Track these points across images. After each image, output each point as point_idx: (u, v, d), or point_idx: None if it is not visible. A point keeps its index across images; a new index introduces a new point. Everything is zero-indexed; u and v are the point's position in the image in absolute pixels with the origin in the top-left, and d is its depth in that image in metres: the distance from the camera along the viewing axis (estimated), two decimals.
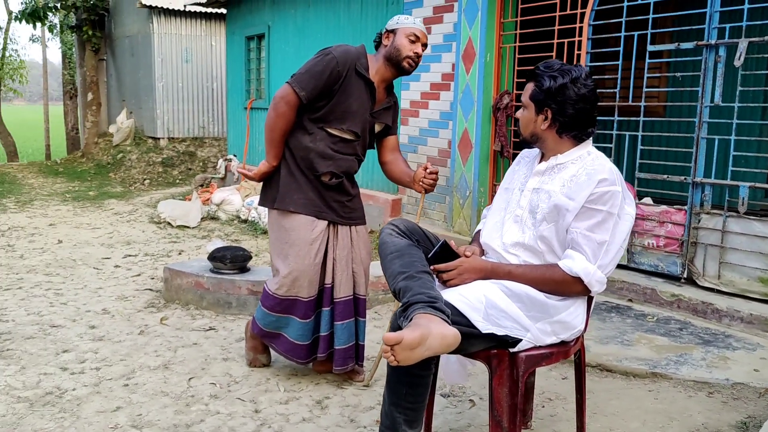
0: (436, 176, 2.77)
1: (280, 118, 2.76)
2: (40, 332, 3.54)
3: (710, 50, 3.78)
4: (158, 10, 11.34)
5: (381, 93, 2.90)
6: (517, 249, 2.11)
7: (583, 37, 4.37)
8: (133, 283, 4.59)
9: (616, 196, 1.97)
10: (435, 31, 5.53)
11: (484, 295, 1.96)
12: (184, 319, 3.82)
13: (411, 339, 1.70)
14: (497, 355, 2.01)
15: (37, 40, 19.74)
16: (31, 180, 10.59)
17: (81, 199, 8.64)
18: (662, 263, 4.06)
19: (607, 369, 3.09)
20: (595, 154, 2.09)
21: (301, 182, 2.82)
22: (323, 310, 2.88)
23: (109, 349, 3.32)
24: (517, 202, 2.18)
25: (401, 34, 2.79)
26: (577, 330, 2.06)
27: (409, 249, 2.10)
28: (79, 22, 13.38)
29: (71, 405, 2.70)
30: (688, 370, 3.01)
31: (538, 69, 2.10)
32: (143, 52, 11.92)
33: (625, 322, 3.65)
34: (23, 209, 7.69)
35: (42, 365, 3.09)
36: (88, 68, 13.55)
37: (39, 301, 4.11)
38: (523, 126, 2.16)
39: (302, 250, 2.78)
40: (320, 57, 2.76)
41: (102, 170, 11.54)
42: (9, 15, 16.53)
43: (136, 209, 7.83)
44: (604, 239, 1.97)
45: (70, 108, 16.99)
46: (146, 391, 2.84)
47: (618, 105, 4.22)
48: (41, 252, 5.50)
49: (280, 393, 2.86)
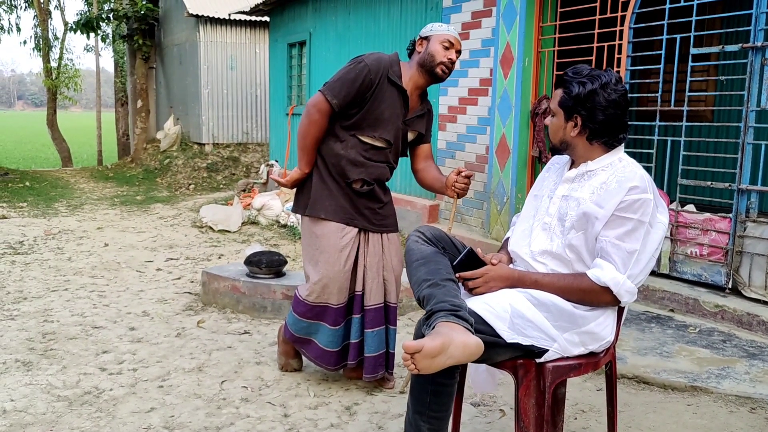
0: (469, 180, 2.75)
1: (312, 126, 2.78)
2: (82, 333, 3.65)
3: (756, 53, 3.64)
4: (205, 19, 11.62)
5: (414, 100, 2.89)
6: (545, 257, 2.08)
7: (623, 41, 4.27)
8: (173, 287, 4.69)
9: (647, 204, 1.92)
10: (473, 36, 5.50)
11: (509, 303, 1.93)
12: (220, 322, 3.89)
13: (431, 347, 1.69)
14: (524, 365, 1.97)
15: (91, 50, 20.45)
16: (83, 185, 10.96)
17: (128, 204, 8.90)
18: (706, 273, 3.92)
19: (644, 381, 3.01)
20: (626, 161, 2.04)
21: (333, 189, 2.83)
22: (353, 317, 2.88)
23: (147, 350, 3.40)
24: (546, 210, 2.14)
25: (435, 40, 2.78)
26: (607, 341, 2.00)
27: (434, 256, 2.08)
28: (131, 31, 13.82)
29: (108, 405, 2.77)
30: (730, 384, 2.89)
31: (566, 75, 2.06)
32: (190, 60, 12.22)
33: (665, 333, 3.55)
34: (73, 213, 7.97)
35: (82, 365, 3.19)
36: (138, 76, 13.97)
37: (83, 302, 4.25)
38: (552, 133, 2.13)
39: (332, 257, 2.79)
40: (353, 65, 2.77)
41: (149, 175, 11.87)
42: (65, 26, 17.17)
43: (180, 213, 8.02)
44: (634, 248, 1.91)
45: (121, 115, 17.55)
46: (180, 393, 2.90)
47: (660, 109, 4.11)
48: (88, 255, 5.68)
49: (309, 398, 2.88)
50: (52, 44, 17.76)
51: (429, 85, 2.89)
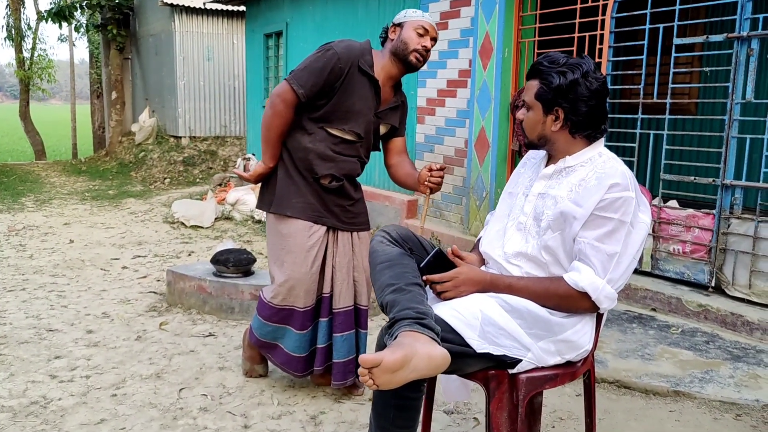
0: (442, 175, 2.57)
1: (277, 117, 2.59)
2: (35, 336, 3.44)
3: (742, 43, 3.51)
4: (180, 8, 11.32)
5: (387, 92, 2.71)
6: (519, 259, 1.92)
7: (605, 31, 4.13)
8: (138, 286, 4.49)
9: (628, 202, 1.76)
10: (452, 26, 5.33)
11: (480, 310, 1.78)
12: (184, 324, 3.70)
13: (392, 361, 1.52)
14: (496, 377, 1.82)
15: (65, 40, 19.96)
16: (54, 179, 10.65)
17: (100, 198, 8.63)
18: (689, 271, 3.80)
19: (625, 386, 2.87)
20: (606, 156, 1.88)
21: (300, 185, 2.65)
22: (321, 321, 2.71)
23: (103, 356, 3.21)
24: (521, 209, 1.99)
25: (409, 27, 2.60)
26: (585, 350, 1.85)
27: (400, 258, 1.92)
28: (104, 21, 13.47)
29: (55, 416, 2.58)
30: (714, 388, 2.77)
31: (542, 65, 1.88)
32: (166, 51, 11.92)
33: (647, 333, 3.42)
34: (40, 208, 7.70)
35: (32, 372, 2.99)
36: (112, 67, 13.63)
37: (40, 303, 4.03)
38: (528, 129, 1.96)
39: (299, 257, 2.62)
40: (321, 52, 2.59)
41: (124, 169, 11.57)
42: (38, 15, 16.73)
43: (153, 209, 7.78)
44: (614, 250, 1.76)
45: (97, 107, 17.16)
46: (134, 403, 2.71)
47: (643, 102, 3.97)
48: (51, 252, 5.44)
49: (273, 407, 2.71)
50: (24, 34, 17.29)
51: (403, 74, 2.71)
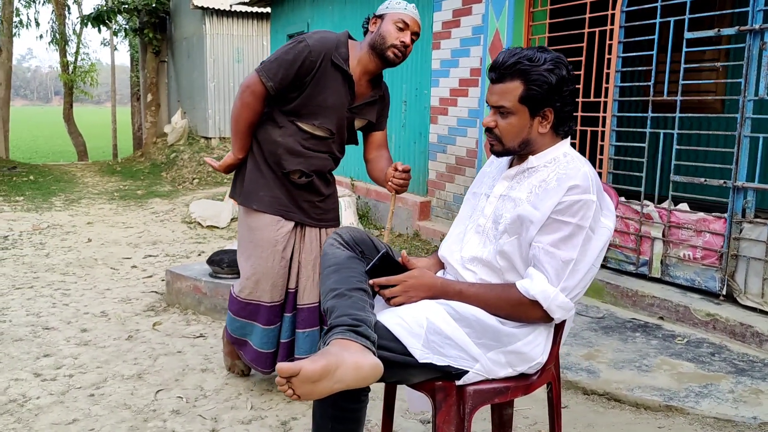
0: (408, 175, 2.45)
1: (245, 109, 2.53)
2: (30, 334, 3.48)
3: (754, 36, 3.30)
4: (211, 11, 11.47)
5: (363, 86, 2.61)
6: (474, 265, 1.82)
7: (615, 25, 3.95)
8: (142, 285, 4.51)
9: (588, 206, 1.64)
10: (464, 24, 5.22)
11: (426, 318, 1.67)
12: (178, 324, 3.69)
13: (310, 371, 1.44)
14: (443, 388, 1.72)
15: (107, 44, 20.52)
16: (88, 179, 10.91)
17: (127, 198, 8.79)
18: (699, 278, 3.61)
19: (615, 399, 2.72)
20: (571, 156, 1.76)
21: (269, 178, 2.59)
22: (285, 316, 2.66)
23: (90, 355, 3.22)
24: (481, 210, 1.88)
25: (388, 20, 2.48)
26: (537, 362, 1.73)
27: (348, 262, 1.83)
28: (142, 25, 13.76)
29: (29, 415, 2.59)
30: (709, 404, 2.60)
31: (522, 64, 1.68)
32: (197, 54, 12.09)
33: (649, 343, 3.25)
34: (68, 207, 7.87)
35: (17, 370, 3.02)
36: (148, 70, 13.92)
37: (44, 301, 4.09)
38: (510, 135, 1.75)
39: (265, 251, 2.57)
40: (293, 44, 2.50)
41: (156, 169, 11.78)
42: (81, 20, 17.22)
43: (174, 209, 7.87)
44: (570, 257, 1.64)
45: (136, 109, 17.55)
46: (109, 403, 2.70)
47: (652, 100, 3.79)
48: (67, 250, 5.54)
49: (246, 411, 2.65)
50: (68, 39, 17.83)
51: (381, 69, 2.60)
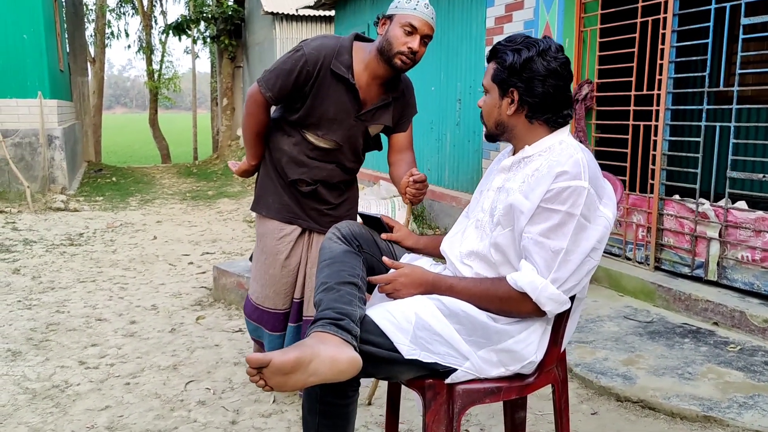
0: (421, 186, 2.21)
1: (251, 118, 2.50)
2: (83, 325, 3.67)
3: None
4: (281, 16, 11.76)
5: (372, 91, 2.42)
6: (471, 259, 1.76)
7: (668, 13, 3.74)
8: (194, 281, 4.67)
9: (578, 193, 1.55)
10: (516, 18, 5.09)
11: (415, 313, 1.64)
12: (220, 318, 3.79)
13: (281, 362, 1.43)
14: (433, 387, 1.67)
15: (190, 52, 21.46)
16: (165, 180, 11.42)
17: (198, 198, 9.13)
18: (758, 281, 3.35)
19: (649, 407, 2.57)
20: (567, 143, 1.68)
21: (278, 185, 2.58)
22: (290, 326, 2.65)
23: (133, 345, 3.36)
24: (480, 205, 1.83)
25: (396, 22, 2.25)
26: (530, 362, 1.65)
27: (343, 256, 1.82)
28: (218, 32, 14.29)
29: (67, 401, 2.73)
30: (753, 416, 2.40)
31: (499, 44, 1.74)
32: (269, 58, 12.42)
33: (698, 350, 3.04)
34: (142, 207, 8.27)
35: (65, 358, 3.19)
36: (224, 75, 14.44)
37: (102, 294, 4.30)
38: (486, 115, 1.78)
39: (269, 258, 2.57)
40: (291, 53, 2.39)
41: (228, 171, 12.18)
42: (165, 29, 18.11)
43: (239, 208, 8.12)
44: (560, 246, 1.56)
45: (215, 113, 18.25)
46: (141, 392, 2.81)
47: (708, 91, 3.55)
48: (133, 247, 5.82)
49: (268, 405, 2.69)
50: (154, 48, 18.79)
51: (391, 75, 2.38)
